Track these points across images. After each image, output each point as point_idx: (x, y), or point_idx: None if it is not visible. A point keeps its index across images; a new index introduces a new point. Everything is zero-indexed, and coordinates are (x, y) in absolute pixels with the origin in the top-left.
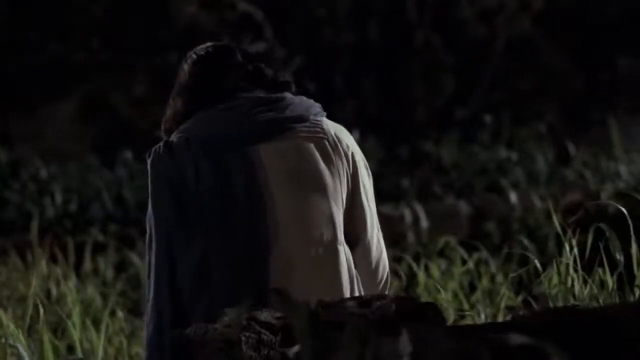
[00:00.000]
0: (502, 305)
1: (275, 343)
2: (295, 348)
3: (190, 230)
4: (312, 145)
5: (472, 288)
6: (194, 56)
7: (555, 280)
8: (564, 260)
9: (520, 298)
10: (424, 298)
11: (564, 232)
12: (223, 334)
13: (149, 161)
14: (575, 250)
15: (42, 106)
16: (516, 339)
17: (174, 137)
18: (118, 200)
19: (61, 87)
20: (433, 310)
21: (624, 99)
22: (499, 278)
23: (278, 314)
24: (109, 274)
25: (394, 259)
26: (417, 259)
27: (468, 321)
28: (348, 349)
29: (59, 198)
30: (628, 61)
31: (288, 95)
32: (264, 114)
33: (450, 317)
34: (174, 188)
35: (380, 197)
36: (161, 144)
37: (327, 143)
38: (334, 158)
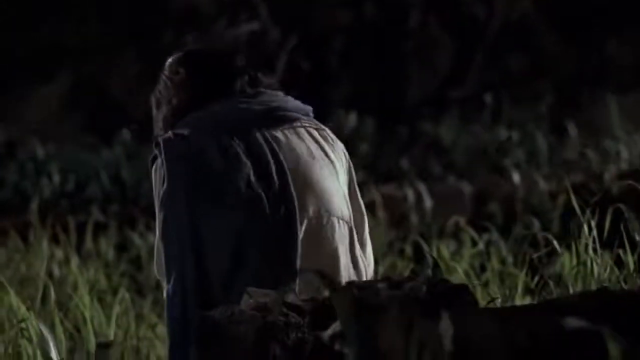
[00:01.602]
0: (520, 287)
1: (303, 326)
2: (329, 331)
3: (221, 210)
4: (317, 134)
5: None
6: (191, 56)
7: (574, 261)
8: (582, 240)
9: (536, 279)
10: None
11: (582, 212)
12: (255, 316)
13: (158, 150)
14: (595, 231)
15: (34, 88)
16: (572, 322)
17: (181, 128)
18: (116, 180)
19: (54, 68)
20: (466, 293)
21: (612, 80)
22: (509, 259)
23: (304, 296)
24: (110, 254)
25: (401, 239)
26: (423, 239)
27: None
28: (393, 331)
29: (56, 178)
30: (618, 43)
31: (282, 93)
32: (271, 103)
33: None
34: (196, 169)
35: (379, 177)
36: (170, 133)
37: (328, 135)
38: (336, 149)
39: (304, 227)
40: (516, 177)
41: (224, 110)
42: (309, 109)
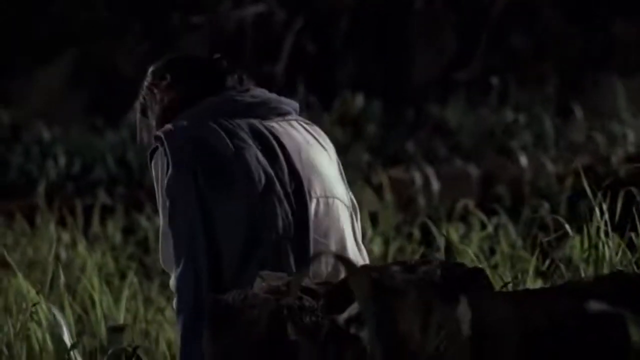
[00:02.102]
0: (531, 270)
1: (317, 310)
2: (345, 315)
3: (231, 193)
4: (308, 127)
5: (490, 252)
6: (176, 62)
7: (585, 244)
8: (594, 223)
9: (547, 263)
10: None
11: (594, 195)
12: (269, 300)
13: (160, 142)
14: (607, 215)
15: (40, 69)
16: (594, 305)
17: (179, 121)
18: (122, 162)
19: (60, 49)
20: (482, 276)
21: (618, 62)
22: (518, 242)
23: (318, 280)
24: (117, 237)
25: (409, 222)
26: (431, 222)
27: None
28: (411, 315)
29: (61, 161)
30: (623, 24)
31: (267, 91)
32: (264, 96)
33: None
34: (201, 154)
35: (386, 160)
36: (169, 125)
37: (317, 129)
38: (327, 142)
39: (312, 209)
40: (523, 160)
41: (219, 102)
42: (297, 105)
